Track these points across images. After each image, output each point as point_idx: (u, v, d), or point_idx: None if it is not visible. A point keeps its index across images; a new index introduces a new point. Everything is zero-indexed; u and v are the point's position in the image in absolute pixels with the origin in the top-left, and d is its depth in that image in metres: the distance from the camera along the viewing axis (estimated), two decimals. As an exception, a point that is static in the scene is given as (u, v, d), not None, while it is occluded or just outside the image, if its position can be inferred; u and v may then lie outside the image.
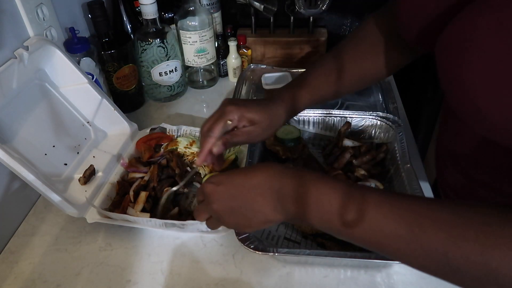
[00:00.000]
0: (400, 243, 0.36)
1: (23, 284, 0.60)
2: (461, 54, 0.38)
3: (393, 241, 0.36)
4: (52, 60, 0.71)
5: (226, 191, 0.45)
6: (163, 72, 0.95)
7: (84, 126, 0.78)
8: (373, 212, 0.37)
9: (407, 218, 0.36)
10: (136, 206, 0.66)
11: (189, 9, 0.93)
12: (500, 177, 0.49)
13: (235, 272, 0.60)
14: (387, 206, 0.37)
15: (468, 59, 0.37)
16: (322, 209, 0.40)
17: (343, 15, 1.12)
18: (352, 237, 0.39)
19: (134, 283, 0.59)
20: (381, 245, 0.37)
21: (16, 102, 0.64)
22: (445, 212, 0.35)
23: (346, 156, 0.72)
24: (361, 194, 0.39)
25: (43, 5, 0.72)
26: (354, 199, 0.39)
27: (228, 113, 0.55)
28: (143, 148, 0.77)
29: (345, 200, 0.39)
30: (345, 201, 0.39)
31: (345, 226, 0.38)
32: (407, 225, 0.35)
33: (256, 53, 1.11)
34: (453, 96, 0.41)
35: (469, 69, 0.37)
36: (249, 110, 0.55)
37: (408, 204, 0.37)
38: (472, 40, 0.36)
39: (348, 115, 0.80)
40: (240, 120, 0.55)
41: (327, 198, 0.40)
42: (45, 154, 0.68)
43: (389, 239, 0.37)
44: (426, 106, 1.27)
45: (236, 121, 0.55)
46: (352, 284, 0.58)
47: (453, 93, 0.41)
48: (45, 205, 0.72)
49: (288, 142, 0.76)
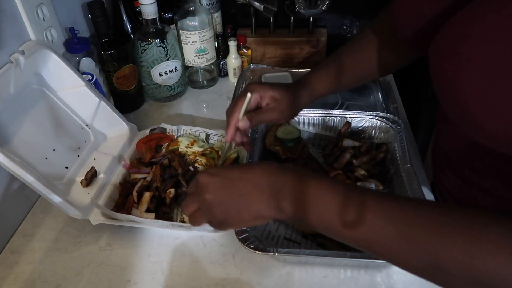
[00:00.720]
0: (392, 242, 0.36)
1: (23, 284, 0.60)
2: (453, 60, 0.38)
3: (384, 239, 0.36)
4: (48, 64, 0.71)
5: (221, 181, 0.45)
6: (163, 72, 0.95)
7: (83, 129, 0.78)
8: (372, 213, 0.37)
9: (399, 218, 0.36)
10: (140, 206, 0.66)
11: (189, 9, 0.93)
12: (496, 181, 0.49)
13: (235, 272, 0.60)
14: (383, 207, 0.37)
15: (459, 65, 0.37)
16: (321, 209, 0.40)
17: (343, 15, 1.12)
18: (350, 238, 0.39)
19: (134, 283, 0.59)
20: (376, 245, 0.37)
21: (14, 106, 0.65)
22: (435, 213, 0.35)
23: (346, 156, 0.72)
24: (360, 195, 0.39)
25: (43, 5, 0.72)
26: (353, 200, 0.39)
27: (250, 89, 0.57)
28: (144, 149, 0.77)
29: (345, 201, 0.39)
30: (344, 202, 0.39)
31: (345, 227, 0.38)
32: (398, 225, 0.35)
33: (256, 53, 1.11)
34: (445, 100, 0.41)
35: (460, 74, 0.37)
36: (272, 87, 0.58)
37: (400, 204, 0.37)
38: (464, 45, 0.37)
39: (348, 115, 0.80)
40: (263, 97, 0.58)
41: (327, 199, 0.40)
42: (45, 158, 0.68)
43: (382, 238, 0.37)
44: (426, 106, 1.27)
45: (259, 98, 0.57)
46: (352, 284, 0.58)
47: (445, 97, 0.41)
48: (45, 206, 0.72)
49: (288, 142, 0.77)
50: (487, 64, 0.35)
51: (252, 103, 0.58)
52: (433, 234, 0.34)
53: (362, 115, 0.79)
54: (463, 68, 0.37)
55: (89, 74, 0.80)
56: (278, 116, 0.59)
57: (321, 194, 0.40)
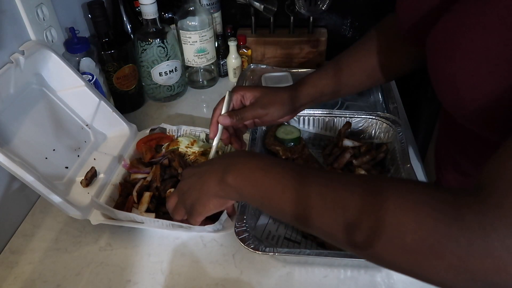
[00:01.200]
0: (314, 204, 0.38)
1: (23, 284, 0.60)
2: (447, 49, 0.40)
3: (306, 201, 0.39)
4: (48, 64, 0.71)
5: (192, 170, 0.52)
6: (163, 72, 0.95)
7: (83, 129, 0.78)
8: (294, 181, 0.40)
9: (317, 182, 0.39)
10: (140, 206, 0.66)
11: (189, 9, 0.93)
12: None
13: (235, 272, 0.60)
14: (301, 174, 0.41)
15: (452, 53, 0.39)
16: (253, 184, 0.43)
17: (343, 15, 1.12)
18: (278, 210, 0.42)
19: (134, 283, 0.59)
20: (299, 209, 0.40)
21: (14, 106, 0.65)
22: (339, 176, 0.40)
23: (346, 156, 0.72)
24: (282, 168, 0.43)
25: (43, 5, 0.72)
26: (275, 174, 0.42)
27: (231, 90, 0.62)
28: (144, 149, 0.77)
29: (268, 174, 0.43)
30: (268, 175, 0.42)
31: (270, 200, 0.42)
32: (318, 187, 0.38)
33: (256, 53, 1.11)
34: (439, 86, 0.43)
35: (453, 62, 0.39)
36: (253, 87, 0.63)
37: (316, 171, 0.42)
38: (457, 35, 0.39)
39: (348, 115, 0.80)
40: (245, 96, 0.62)
41: (257, 173, 0.43)
42: (45, 158, 0.68)
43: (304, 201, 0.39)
44: (426, 106, 1.27)
45: (241, 97, 0.62)
46: (352, 284, 0.58)
47: (439, 83, 0.43)
48: (45, 206, 0.72)
49: (288, 142, 0.77)
50: (478, 52, 0.36)
51: (235, 103, 0.62)
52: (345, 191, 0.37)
53: (362, 115, 0.79)
54: (455, 56, 0.39)
55: (89, 74, 0.80)
56: (262, 112, 0.61)
57: (254, 170, 0.44)
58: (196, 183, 0.50)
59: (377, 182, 0.37)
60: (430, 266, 0.31)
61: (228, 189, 0.46)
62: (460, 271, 0.29)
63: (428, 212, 0.31)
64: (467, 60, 0.38)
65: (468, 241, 0.28)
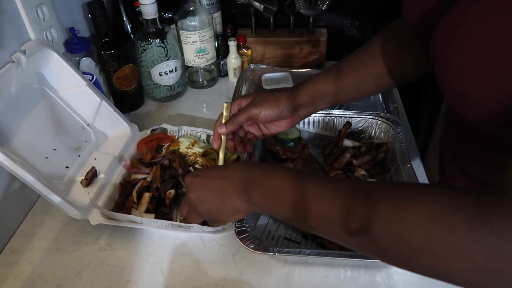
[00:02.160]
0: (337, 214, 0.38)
1: (23, 284, 0.60)
2: (451, 41, 0.40)
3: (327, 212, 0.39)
4: (50, 63, 0.71)
5: (202, 181, 0.50)
6: (163, 72, 0.95)
7: (84, 129, 0.78)
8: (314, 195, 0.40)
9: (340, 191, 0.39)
10: (140, 207, 0.66)
11: (189, 9, 0.93)
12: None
13: (235, 272, 0.60)
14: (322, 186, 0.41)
15: (457, 46, 0.39)
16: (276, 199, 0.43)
17: (343, 15, 1.12)
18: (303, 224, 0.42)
19: (134, 283, 0.59)
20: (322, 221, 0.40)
21: (16, 106, 0.65)
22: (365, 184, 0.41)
23: (346, 156, 0.72)
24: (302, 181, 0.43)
25: (43, 5, 0.72)
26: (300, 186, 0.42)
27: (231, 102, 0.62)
28: (145, 149, 0.77)
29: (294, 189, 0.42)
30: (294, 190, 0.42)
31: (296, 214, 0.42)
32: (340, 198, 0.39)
33: (256, 53, 1.11)
34: (444, 80, 0.43)
35: (457, 55, 0.39)
36: (249, 94, 0.63)
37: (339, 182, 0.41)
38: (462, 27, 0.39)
39: (348, 115, 0.80)
40: (241, 104, 0.62)
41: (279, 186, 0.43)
42: (46, 158, 0.68)
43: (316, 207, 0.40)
44: (426, 106, 1.27)
45: (238, 105, 0.62)
46: (352, 284, 0.58)
47: (444, 78, 0.43)
48: (45, 206, 0.72)
49: (288, 142, 0.77)
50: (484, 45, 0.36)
51: (234, 112, 0.62)
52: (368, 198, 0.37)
53: (362, 115, 0.79)
54: (460, 49, 0.39)
55: (89, 74, 0.80)
56: (255, 110, 0.60)
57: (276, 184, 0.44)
58: (214, 200, 0.49)
59: (406, 192, 0.36)
60: (461, 271, 0.32)
61: (253, 207, 0.47)
62: (492, 273, 0.31)
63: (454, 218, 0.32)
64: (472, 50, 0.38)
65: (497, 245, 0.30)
